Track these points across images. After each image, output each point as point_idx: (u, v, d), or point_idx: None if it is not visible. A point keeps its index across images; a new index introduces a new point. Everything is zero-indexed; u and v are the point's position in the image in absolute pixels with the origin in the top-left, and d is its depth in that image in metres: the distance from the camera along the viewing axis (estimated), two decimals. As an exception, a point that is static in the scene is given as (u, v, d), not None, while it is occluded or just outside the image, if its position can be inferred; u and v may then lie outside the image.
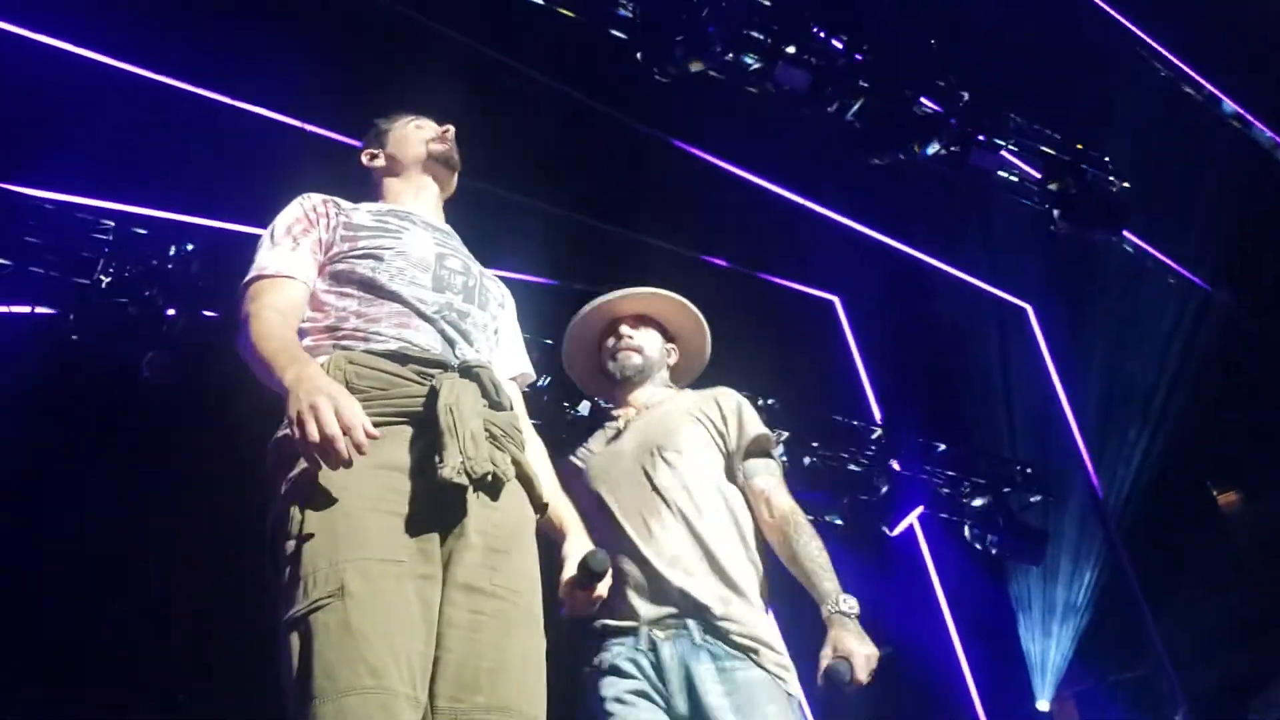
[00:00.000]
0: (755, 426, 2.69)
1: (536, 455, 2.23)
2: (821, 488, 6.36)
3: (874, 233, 6.91)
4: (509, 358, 2.34)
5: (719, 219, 6.41)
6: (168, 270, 4.64)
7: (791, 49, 5.33)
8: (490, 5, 5.25)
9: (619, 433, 2.71)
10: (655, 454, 2.58)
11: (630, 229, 5.90)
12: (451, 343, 2.09)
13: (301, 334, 2.05)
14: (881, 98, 5.58)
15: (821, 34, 5.46)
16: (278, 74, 4.69)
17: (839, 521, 6.52)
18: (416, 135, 2.43)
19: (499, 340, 2.31)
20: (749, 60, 5.38)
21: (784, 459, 6.57)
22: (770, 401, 5.87)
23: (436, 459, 1.82)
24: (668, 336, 2.90)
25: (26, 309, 4.48)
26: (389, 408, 1.91)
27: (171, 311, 4.63)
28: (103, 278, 4.50)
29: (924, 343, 7.51)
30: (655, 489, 2.53)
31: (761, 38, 5.31)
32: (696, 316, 2.89)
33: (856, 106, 5.63)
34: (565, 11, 5.15)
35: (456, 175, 2.45)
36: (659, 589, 2.43)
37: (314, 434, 1.72)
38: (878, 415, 7.26)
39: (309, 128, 4.94)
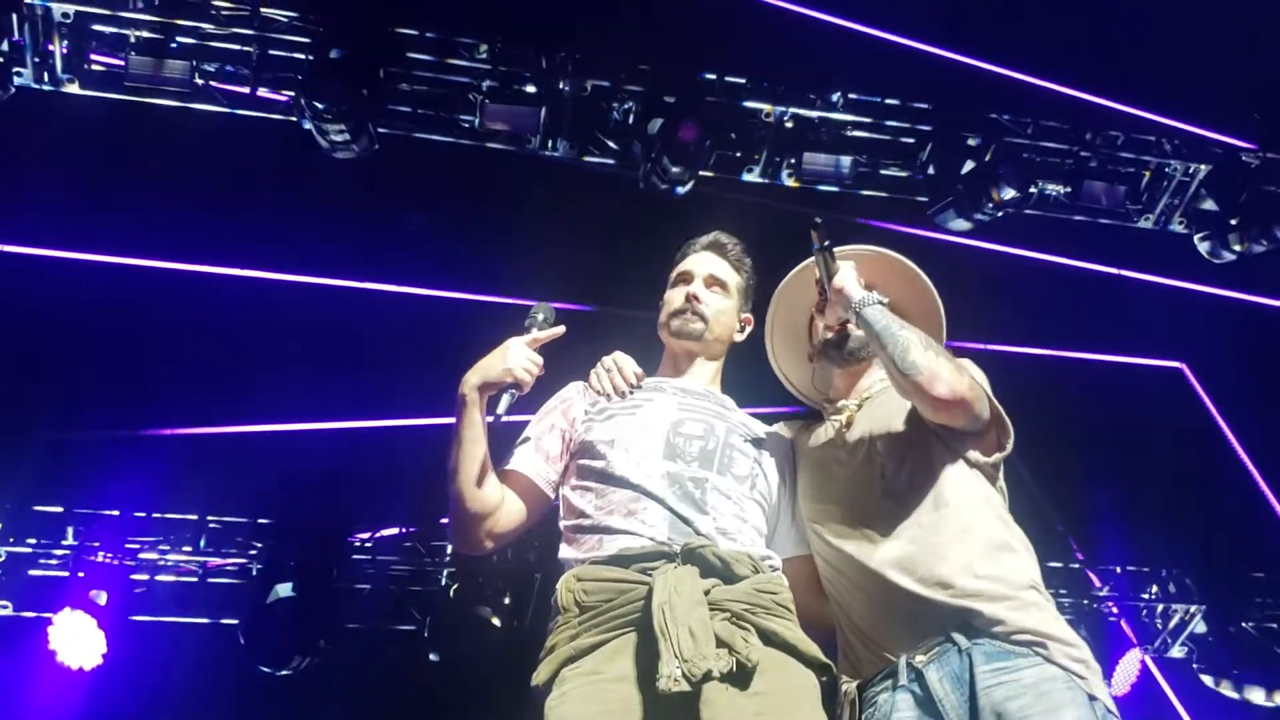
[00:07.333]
0: None
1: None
2: (1256, 663, 5.21)
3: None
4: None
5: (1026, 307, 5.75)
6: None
7: (1094, 163, 4.77)
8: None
9: (840, 429, 2.29)
10: (878, 449, 2.20)
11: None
12: (684, 518, 2.07)
13: (562, 535, 2.19)
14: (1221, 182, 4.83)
15: (1120, 138, 4.83)
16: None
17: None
18: (667, 305, 2.42)
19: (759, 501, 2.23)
20: (1051, 191, 4.84)
21: (1209, 637, 5.60)
22: (1175, 571, 4.93)
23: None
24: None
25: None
26: (615, 620, 1.94)
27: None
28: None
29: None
30: (885, 493, 2.15)
31: (1059, 161, 4.78)
32: (923, 280, 2.38)
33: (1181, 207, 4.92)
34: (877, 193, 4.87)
35: (709, 338, 2.38)
36: (906, 609, 2.04)
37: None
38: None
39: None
